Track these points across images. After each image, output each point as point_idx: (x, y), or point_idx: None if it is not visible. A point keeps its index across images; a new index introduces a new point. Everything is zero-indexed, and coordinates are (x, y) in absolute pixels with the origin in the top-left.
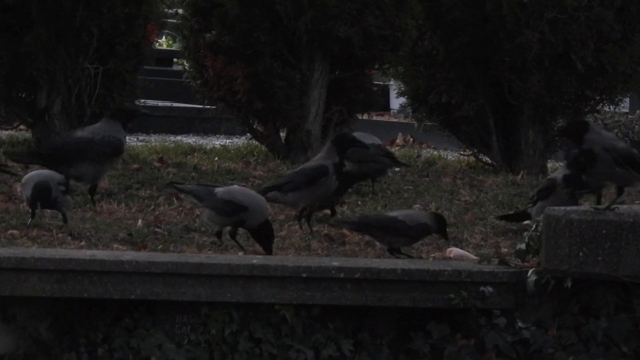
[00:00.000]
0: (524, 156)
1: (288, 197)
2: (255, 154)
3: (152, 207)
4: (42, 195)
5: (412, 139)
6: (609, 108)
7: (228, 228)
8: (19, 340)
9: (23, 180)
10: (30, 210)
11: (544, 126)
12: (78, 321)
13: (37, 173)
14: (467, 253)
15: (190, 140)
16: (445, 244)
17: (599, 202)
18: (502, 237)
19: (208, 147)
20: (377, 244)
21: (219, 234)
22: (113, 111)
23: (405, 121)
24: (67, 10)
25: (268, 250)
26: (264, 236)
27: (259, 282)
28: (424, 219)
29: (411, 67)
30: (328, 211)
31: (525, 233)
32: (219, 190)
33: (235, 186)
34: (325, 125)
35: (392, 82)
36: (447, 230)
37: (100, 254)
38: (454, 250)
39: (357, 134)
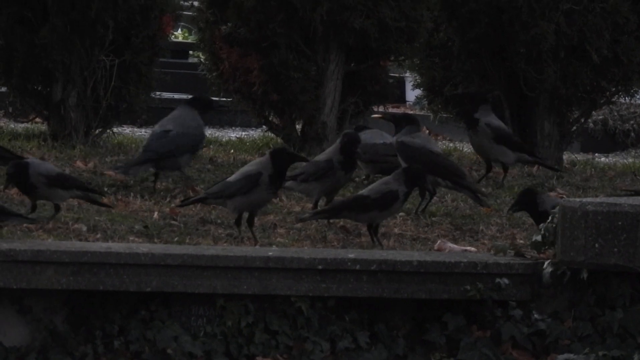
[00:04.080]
0: (540, 147)
1: (302, 187)
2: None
3: (168, 199)
4: (15, 175)
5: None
6: (625, 99)
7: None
8: (35, 332)
9: None
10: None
11: (560, 118)
12: (94, 313)
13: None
14: (455, 246)
15: (206, 132)
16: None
17: None
18: (518, 229)
19: (224, 139)
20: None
21: (238, 222)
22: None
23: (421, 113)
24: (83, 2)
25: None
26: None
27: (274, 274)
28: (390, 186)
29: (427, 59)
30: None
31: (541, 225)
32: (230, 179)
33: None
34: (341, 117)
35: (407, 74)
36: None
37: (116, 246)
38: (441, 243)
39: (368, 132)
